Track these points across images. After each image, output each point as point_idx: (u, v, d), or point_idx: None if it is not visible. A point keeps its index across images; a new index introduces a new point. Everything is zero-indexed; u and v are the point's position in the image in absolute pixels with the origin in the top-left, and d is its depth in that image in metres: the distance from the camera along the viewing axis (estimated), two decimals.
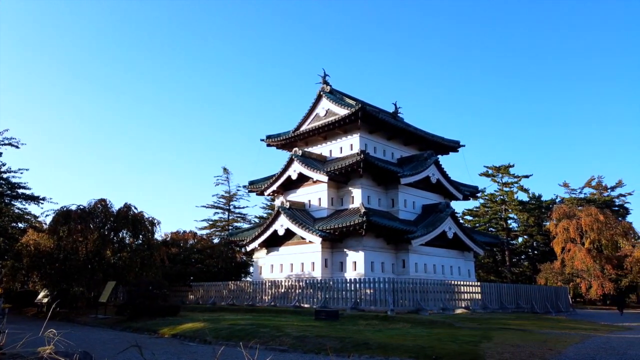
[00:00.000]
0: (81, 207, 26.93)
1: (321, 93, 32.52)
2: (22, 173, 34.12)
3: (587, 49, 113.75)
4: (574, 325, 19.30)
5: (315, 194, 29.88)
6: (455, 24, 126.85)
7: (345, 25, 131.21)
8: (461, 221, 33.52)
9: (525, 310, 27.28)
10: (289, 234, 28.13)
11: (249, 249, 31.03)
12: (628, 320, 25.00)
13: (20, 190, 34.11)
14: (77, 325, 20.53)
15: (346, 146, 30.71)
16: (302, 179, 29.97)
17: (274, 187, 31.56)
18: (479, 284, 26.70)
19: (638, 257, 35.70)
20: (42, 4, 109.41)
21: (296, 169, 29.43)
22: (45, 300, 26.78)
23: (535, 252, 53.95)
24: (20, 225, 36.47)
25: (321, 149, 32.29)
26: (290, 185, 31.10)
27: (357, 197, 28.39)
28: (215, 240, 46.62)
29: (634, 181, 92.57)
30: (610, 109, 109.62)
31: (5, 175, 33.32)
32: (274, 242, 29.66)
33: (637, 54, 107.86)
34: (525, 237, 53.79)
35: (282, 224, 28.05)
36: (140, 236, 28.55)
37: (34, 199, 34.36)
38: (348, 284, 22.59)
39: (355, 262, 26.37)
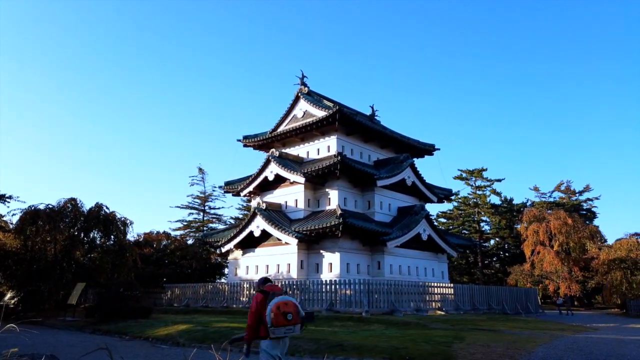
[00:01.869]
0: (50, 206, 26.20)
1: (299, 94, 32.49)
2: None
3: (561, 53, 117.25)
4: (542, 326, 19.80)
5: (292, 195, 29.82)
6: (429, 28, 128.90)
7: (323, 29, 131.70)
8: (435, 223, 33.97)
9: (497, 311, 27.89)
10: (265, 235, 27.98)
11: (224, 250, 30.70)
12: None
13: None
14: (45, 328, 19.91)
15: (323, 148, 30.78)
16: (279, 180, 29.86)
17: (251, 188, 31.34)
18: (452, 285, 27.13)
19: (604, 260, 36.84)
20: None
21: (273, 170, 29.32)
22: (12, 302, 25.94)
23: (507, 254, 55.17)
24: None
25: (298, 150, 32.26)
26: (267, 186, 30.94)
27: (333, 198, 28.47)
28: (190, 242, 45.98)
29: (600, 186, 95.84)
30: (581, 115, 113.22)
31: None
32: (250, 243, 29.45)
33: (608, 60, 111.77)
34: (497, 239, 54.95)
35: (258, 225, 27.88)
36: (112, 237, 27.93)
37: (0, 197, 33.14)
38: (324, 286, 22.60)
39: (331, 264, 26.42)
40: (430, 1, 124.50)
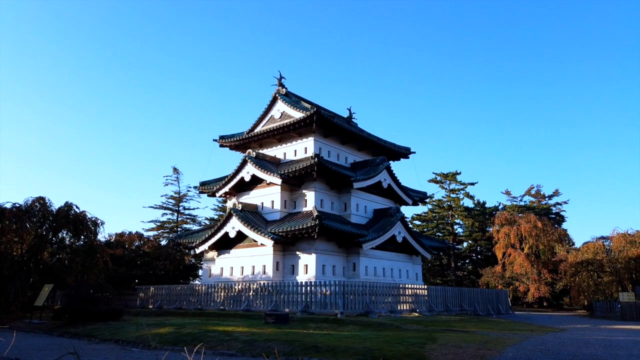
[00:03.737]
0: (17, 205, 25.39)
1: (276, 95, 32.40)
2: None
3: (540, 54, 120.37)
4: (513, 327, 20.25)
5: (269, 196, 29.68)
6: (406, 30, 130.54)
7: (301, 31, 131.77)
8: (410, 226, 34.38)
9: (469, 313, 28.39)
10: (241, 237, 27.76)
11: (198, 251, 30.33)
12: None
13: None
14: (11, 331, 19.25)
15: (300, 149, 30.77)
16: (256, 181, 29.70)
17: (226, 189, 31.06)
18: (425, 287, 27.49)
19: (572, 262, 37.93)
20: None
21: (249, 171, 29.14)
22: None
23: (479, 256, 56.30)
24: None
25: (275, 152, 32.16)
26: (243, 187, 30.73)
27: (310, 200, 28.48)
28: (163, 242, 45.21)
29: (569, 190, 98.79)
30: (552, 120, 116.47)
31: None
32: (225, 245, 29.17)
33: (586, 60, 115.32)
34: (469, 242, 56.00)
35: (234, 226, 27.65)
36: (82, 237, 27.26)
37: None
38: (299, 287, 22.58)
39: (307, 265, 26.41)
40: (403, 2, 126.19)
